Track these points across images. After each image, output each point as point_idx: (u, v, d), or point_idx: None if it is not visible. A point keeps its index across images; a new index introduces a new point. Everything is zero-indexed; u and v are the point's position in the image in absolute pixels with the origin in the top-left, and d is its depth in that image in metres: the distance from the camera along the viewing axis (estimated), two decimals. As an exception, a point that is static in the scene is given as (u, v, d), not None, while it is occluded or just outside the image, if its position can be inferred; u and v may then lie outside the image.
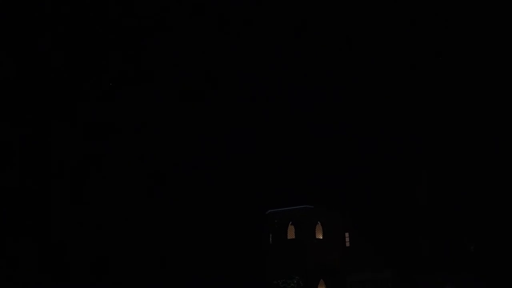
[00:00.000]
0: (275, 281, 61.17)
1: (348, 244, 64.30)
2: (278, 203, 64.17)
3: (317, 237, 63.15)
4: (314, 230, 63.03)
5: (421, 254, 60.28)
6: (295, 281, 60.05)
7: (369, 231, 62.84)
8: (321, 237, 63.29)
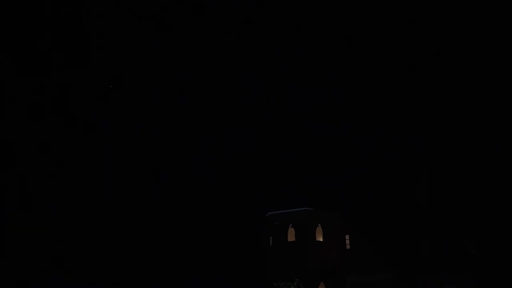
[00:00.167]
0: (276, 283, 61.02)
1: (349, 247, 64.20)
2: (278, 205, 64.07)
3: (317, 239, 62.98)
4: (315, 232, 62.84)
5: (421, 254, 60.26)
6: (295, 284, 59.92)
7: (369, 231, 62.76)
8: (321, 239, 63.11)
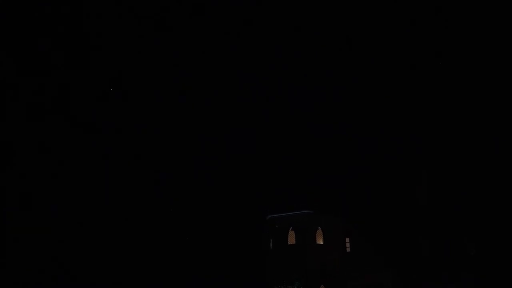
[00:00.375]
0: (276, 286, 61.04)
1: (349, 250, 64.13)
2: (278, 207, 64.02)
3: (318, 242, 62.92)
4: (315, 236, 62.80)
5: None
6: (296, 286, 59.87)
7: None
8: (322, 242, 63.08)
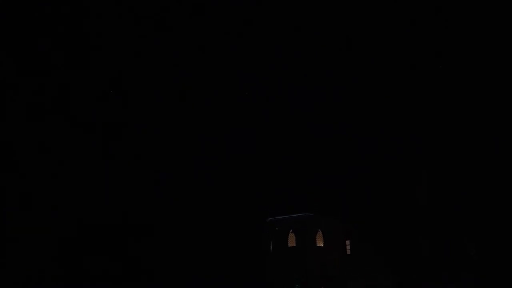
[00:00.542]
0: (276, 288, 61.19)
1: (349, 252, 64.11)
2: (279, 209, 64.02)
3: (318, 245, 62.89)
4: (315, 238, 62.79)
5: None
6: None
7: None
8: (322, 245, 63.06)
